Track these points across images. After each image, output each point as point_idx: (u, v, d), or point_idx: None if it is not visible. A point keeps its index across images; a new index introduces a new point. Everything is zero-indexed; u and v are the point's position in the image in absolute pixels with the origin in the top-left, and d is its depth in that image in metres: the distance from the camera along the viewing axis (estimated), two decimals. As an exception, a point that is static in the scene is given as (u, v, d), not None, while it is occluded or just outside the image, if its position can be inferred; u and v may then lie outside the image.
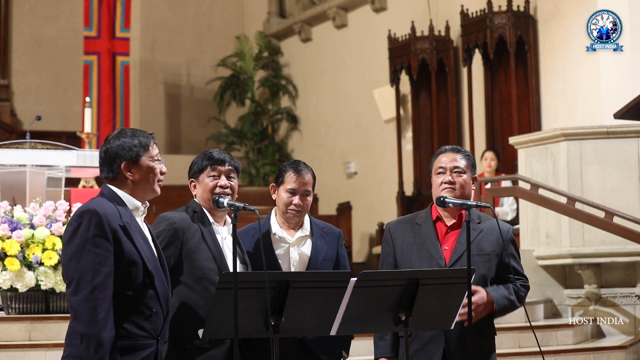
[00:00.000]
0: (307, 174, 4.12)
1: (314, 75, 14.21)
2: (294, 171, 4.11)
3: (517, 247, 4.07)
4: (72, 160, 6.66)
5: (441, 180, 3.98)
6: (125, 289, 3.23)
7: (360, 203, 12.63)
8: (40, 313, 5.82)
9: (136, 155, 3.34)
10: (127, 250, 3.23)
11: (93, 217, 3.20)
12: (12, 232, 5.74)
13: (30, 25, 14.48)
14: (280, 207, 4.12)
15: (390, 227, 4.10)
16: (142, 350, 3.27)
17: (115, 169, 3.35)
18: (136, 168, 3.35)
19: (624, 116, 6.92)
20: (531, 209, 8.05)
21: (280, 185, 4.12)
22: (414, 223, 4.05)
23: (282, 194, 4.11)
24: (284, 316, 3.39)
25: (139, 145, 3.36)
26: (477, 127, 10.83)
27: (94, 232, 3.18)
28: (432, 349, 3.89)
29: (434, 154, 4.12)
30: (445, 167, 3.99)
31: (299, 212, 4.10)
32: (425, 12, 11.57)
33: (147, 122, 14.49)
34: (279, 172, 4.16)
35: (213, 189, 3.82)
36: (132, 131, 3.42)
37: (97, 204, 3.25)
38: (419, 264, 3.93)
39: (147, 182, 3.38)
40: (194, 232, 3.75)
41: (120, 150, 3.35)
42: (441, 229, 4.02)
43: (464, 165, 3.99)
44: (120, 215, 3.26)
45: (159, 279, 3.35)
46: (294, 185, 4.08)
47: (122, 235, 3.23)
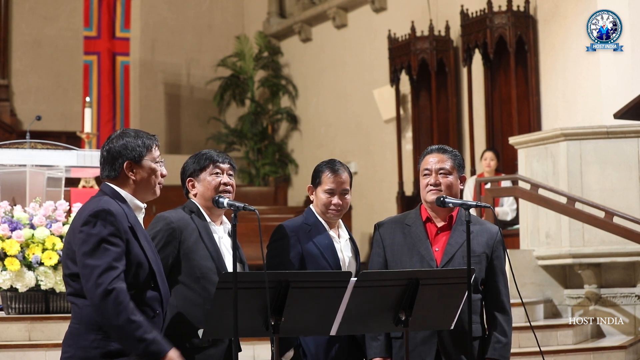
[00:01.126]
0: (344, 173, 4.14)
1: (314, 75, 14.20)
2: (331, 171, 4.11)
3: (505, 249, 4.04)
4: (72, 160, 6.66)
5: (427, 182, 3.97)
6: (132, 290, 3.22)
7: (360, 203, 12.62)
8: (40, 313, 5.82)
9: (139, 156, 3.35)
10: (135, 251, 3.25)
11: (108, 216, 3.21)
12: (12, 232, 5.74)
13: (30, 25, 14.48)
14: (319, 207, 4.11)
15: (379, 227, 4.09)
16: None
17: (117, 168, 3.35)
18: (138, 168, 3.36)
19: (624, 116, 6.92)
20: (531, 209, 8.05)
21: (317, 187, 4.12)
22: (404, 224, 4.03)
23: (320, 194, 4.10)
24: (284, 316, 3.39)
25: (142, 146, 3.37)
26: (477, 127, 10.83)
27: (110, 230, 3.19)
28: (425, 350, 3.88)
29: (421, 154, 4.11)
30: (431, 168, 3.97)
31: (339, 212, 4.10)
32: (425, 12, 11.57)
33: (147, 122, 14.50)
34: (315, 173, 4.15)
35: (217, 186, 3.83)
36: (135, 132, 3.42)
37: (109, 204, 3.25)
38: (409, 265, 3.92)
39: (148, 183, 3.39)
40: (191, 231, 3.75)
41: (124, 150, 3.35)
42: (431, 230, 4.00)
43: (450, 166, 3.97)
44: (126, 216, 3.28)
45: (162, 280, 3.36)
46: (332, 186, 4.09)
47: (131, 236, 3.25)
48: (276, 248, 4.03)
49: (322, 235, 4.05)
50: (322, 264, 3.98)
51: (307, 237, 4.02)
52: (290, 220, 4.13)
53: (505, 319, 3.96)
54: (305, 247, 4.00)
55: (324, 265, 3.98)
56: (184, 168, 3.94)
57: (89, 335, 3.22)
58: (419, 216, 4.04)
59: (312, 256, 3.99)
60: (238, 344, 3.45)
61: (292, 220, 4.13)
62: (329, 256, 4.00)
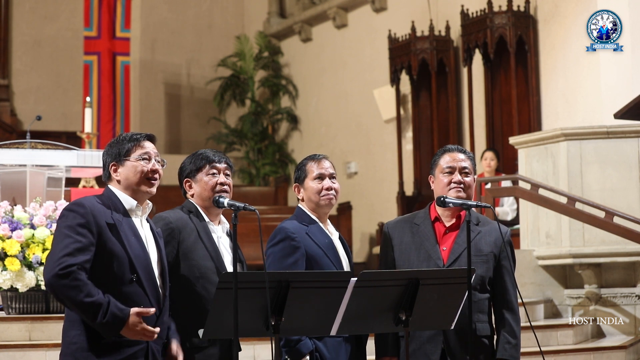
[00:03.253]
0: (326, 160, 4.09)
1: (314, 75, 14.20)
2: (313, 160, 4.08)
3: (513, 250, 4.06)
4: (72, 160, 6.66)
5: (450, 180, 3.96)
6: (112, 284, 3.29)
7: (361, 203, 12.63)
8: (40, 313, 5.82)
9: (119, 155, 3.48)
10: (110, 245, 3.31)
11: (79, 209, 3.33)
12: (12, 232, 5.74)
13: (30, 25, 14.48)
14: (312, 199, 4.02)
15: (389, 227, 4.09)
16: (129, 347, 3.31)
17: (106, 171, 3.52)
18: (121, 168, 3.49)
19: (624, 116, 6.92)
20: (531, 209, 8.04)
21: (304, 181, 4.06)
22: (413, 223, 4.04)
23: (310, 184, 4.03)
24: (284, 316, 3.39)
25: (123, 146, 3.50)
26: (477, 127, 10.83)
27: (78, 221, 3.29)
28: (430, 349, 3.89)
29: (436, 152, 4.10)
30: (455, 166, 3.97)
31: (333, 197, 4.02)
32: (425, 12, 11.57)
33: (147, 122, 14.50)
34: (299, 168, 4.10)
35: (214, 186, 3.83)
36: (125, 135, 3.55)
37: (86, 199, 3.39)
38: (417, 264, 3.92)
39: (131, 180, 3.47)
40: (190, 231, 3.76)
41: (108, 153, 3.52)
42: (440, 230, 4.01)
43: (470, 166, 4.00)
44: (111, 213, 3.37)
45: (148, 277, 3.39)
46: (319, 171, 4.03)
47: (107, 231, 3.32)
48: (284, 248, 3.94)
49: (321, 234, 4.01)
50: (327, 263, 3.95)
51: (308, 237, 3.97)
52: (287, 222, 4.05)
53: (514, 319, 3.97)
54: (308, 247, 3.95)
55: (327, 265, 3.94)
56: (181, 168, 3.95)
57: (71, 331, 3.31)
58: (427, 215, 4.05)
59: (316, 256, 3.94)
60: (238, 344, 3.45)
61: (288, 222, 4.05)
62: (331, 255, 3.98)
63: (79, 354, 3.26)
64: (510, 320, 3.96)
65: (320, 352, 3.89)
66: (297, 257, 3.92)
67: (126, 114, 13.44)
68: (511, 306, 3.97)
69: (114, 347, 3.28)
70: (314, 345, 3.87)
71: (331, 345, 3.91)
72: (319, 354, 3.89)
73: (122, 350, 3.30)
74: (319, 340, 3.88)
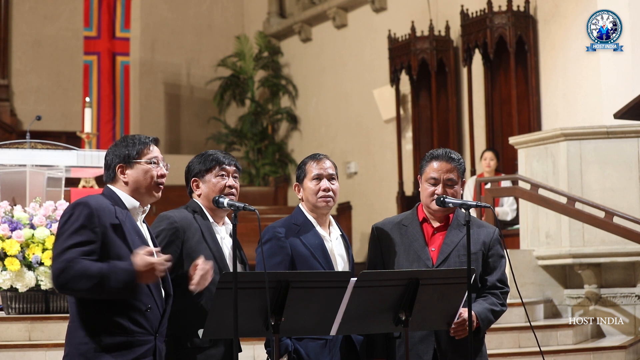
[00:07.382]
0: (327, 160, 4.06)
1: (314, 75, 14.20)
2: (314, 159, 4.05)
3: (502, 246, 4.03)
4: (72, 160, 6.66)
5: (433, 191, 3.94)
6: None
7: (360, 203, 12.63)
8: (40, 313, 5.83)
9: (128, 157, 3.45)
10: (115, 245, 3.30)
11: (84, 209, 3.30)
12: (12, 232, 5.74)
13: (30, 25, 14.48)
14: (310, 200, 4.00)
15: (376, 228, 4.08)
16: (140, 346, 3.31)
17: (112, 172, 3.48)
18: (130, 170, 3.46)
19: (624, 116, 6.92)
20: (531, 209, 8.04)
21: (303, 180, 4.04)
22: (401, 224, 4.03)
23: (308, 184, 4.01)
24: (284, 316, 3.39)
25: (133, 149, 3.46)
26: (477, 127, 10.84)
27: (82, 222, 3.27)
28: (423, 349, 3.89)
29: (425, 156, 4.06)
30: (438, 178, 3.94)
31: (330, 198, 3.99)
32: (425, 12, 11.57)
33: (147, 122, 14.50)
34: (299, 168, 4.08)
35: (222, 188, 3.84)
36: (132, 137, 3.53)
37: (91, 198, 3.36)
38: (406, 265, 3.92)
39: (140, 183, 3.46)
40: (194, 231, 3.76)
41: (116, 154, 3.48)
42: (428, 230, 4.01)
43: (456, 176, 3.96)
44: (115, 212, 3.34)
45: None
46: (318, 171, 4.00)
47: (111, 231, 3.30)
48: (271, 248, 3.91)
49: (311, 235, 3.96)
50: (313, 264, 3.90)
51: (295, 238, 3.93)
52: (277, 222, 4.03)
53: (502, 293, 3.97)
54: (294, 248, 3.92)
55: (315, 266, 3.90)
56: (189, 167, 3.93)
57: (79, 332, 3.28)
58: (415, 217, 4.04)
59: (302, 257, 3.91)
60: (238, 344, 3.46)
61: (279, 221, 4.04)
62: (319, 256, 3.92)
63: (91, 354, 3.24)
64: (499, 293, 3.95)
65: (298, 353, 3.86)
66: (282, 258, 3.90)
67: (126, 114, 13.44)
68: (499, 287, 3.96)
69: (125, 346, 3.28)
70: (294, 346, 3.87)
71: (312, 349, 3.87)
72: (297, 356, 3.86)
73: (134, 350, 3.29)
74: (299, 341, 3.86)
